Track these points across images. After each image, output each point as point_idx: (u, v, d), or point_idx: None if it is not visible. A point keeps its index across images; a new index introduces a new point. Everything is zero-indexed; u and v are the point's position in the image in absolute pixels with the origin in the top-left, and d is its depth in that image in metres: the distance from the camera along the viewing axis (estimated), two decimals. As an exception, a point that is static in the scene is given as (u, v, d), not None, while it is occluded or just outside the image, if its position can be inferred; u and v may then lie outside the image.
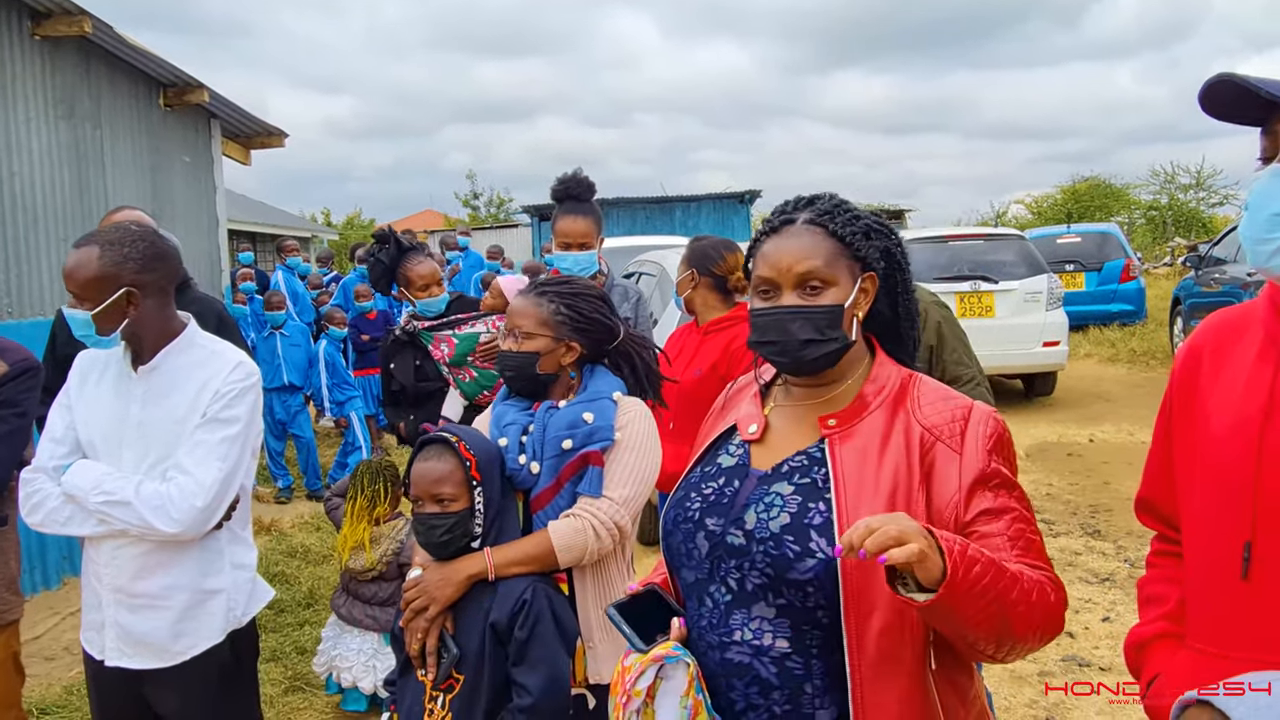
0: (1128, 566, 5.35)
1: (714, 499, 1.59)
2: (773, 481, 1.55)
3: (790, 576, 1.45)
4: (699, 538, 1.57)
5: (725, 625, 1.51)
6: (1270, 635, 1.34)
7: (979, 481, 1.46)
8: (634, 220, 17.96)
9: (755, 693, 1.48)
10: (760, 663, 1.48)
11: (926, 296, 2.98)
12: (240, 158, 9.24)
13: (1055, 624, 1.41)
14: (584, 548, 2.15)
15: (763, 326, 1.56)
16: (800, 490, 1.51)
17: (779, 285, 1.55)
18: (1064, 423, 9.24)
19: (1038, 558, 1.44)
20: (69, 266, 2.25)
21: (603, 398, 2.27)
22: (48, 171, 5.88)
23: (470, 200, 37.58)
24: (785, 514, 1.48)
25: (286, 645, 4.59)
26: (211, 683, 2.42)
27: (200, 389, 2.34)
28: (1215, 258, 11.11)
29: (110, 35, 6.17)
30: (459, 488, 2.09)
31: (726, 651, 1.50)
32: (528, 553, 2.12)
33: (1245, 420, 1.39)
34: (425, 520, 2.10)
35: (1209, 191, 28.16)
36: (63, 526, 2.32)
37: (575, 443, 2.20)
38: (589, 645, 2.23)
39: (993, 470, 1.47)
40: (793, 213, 1.60)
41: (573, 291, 2.34)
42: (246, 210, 18.55)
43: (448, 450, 2.12)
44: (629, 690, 1.49)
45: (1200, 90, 1.37)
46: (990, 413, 1.54)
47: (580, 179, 3.63)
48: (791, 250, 1.54)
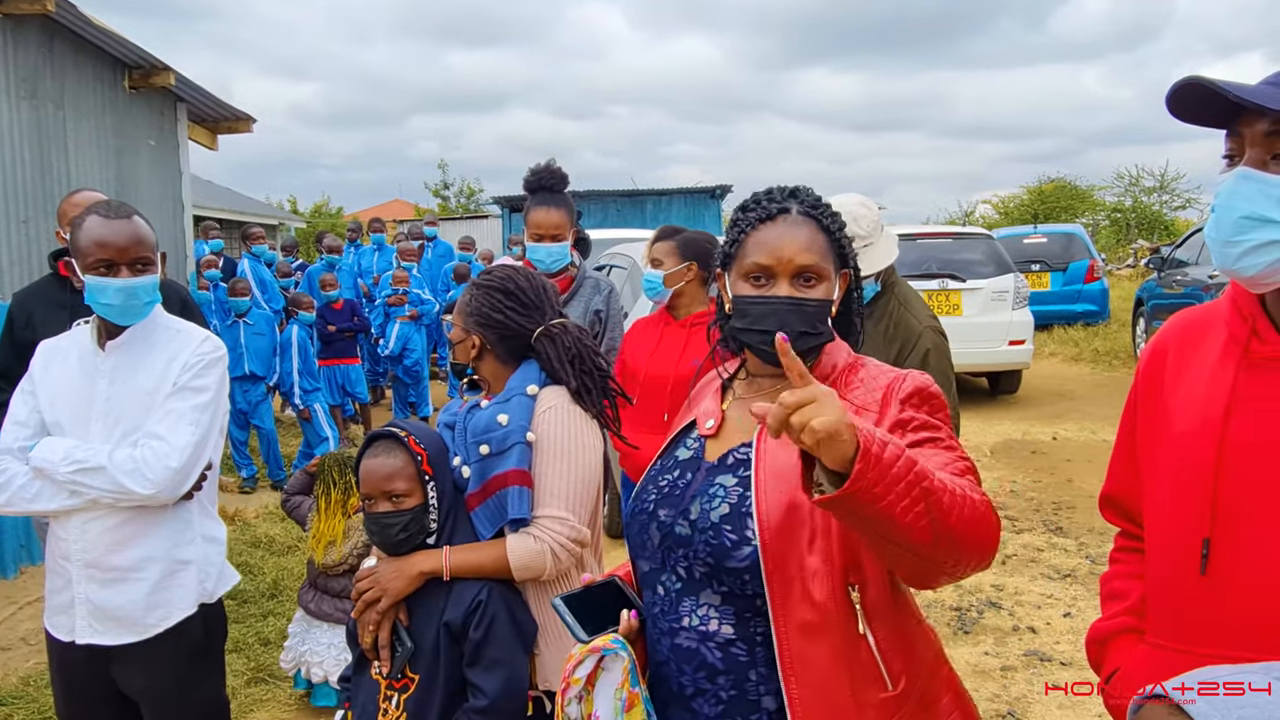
0: (1089, 563, 5.43)
1: (667, 491, 1.62)
2: (717, 473, 1.58)
3: (728, 564, 1.48)
4: (652, 528, 1.60)
5: (675, 612, 1.55)
6: (1228, 630, 1.37)
7: (894, 426, 1.44)
8: (605, 213, 17.90)
9: (703, 677, 1.52)
10: (706, 648, 1.51)
11: (926, 319, 2.82)
12: (207, 143, 9.11)
13: (991, 537, 1.32)
14: (542, 568, 2.08)
15: (757, 315, 1.53)
16: (742, 481, 1.53)
17: (775, 274, 1.53)
18: (1028, 420, 9.35)
19: (966, 476, 1.37)
20: (132, 237, 2.29)
21: (516, 394, 2.14)
22: (8, 152, 5.76)
23: (440, 190, 37.34)
24: (725, 504, 1.52)
25: (249, 636, 4.54)
26: (180, 661, 2.41)
27: (169, 361, 2.37)
28: (1178, 260, 11.28)
29: (74, 15, 6.05)
30: (411, 483, 2.04)
31: (676, 637, 1.54)
32: (483, 564, 2.06)
33: (1207, 419, 1.41)
34: (379, 519, 2.03)
35: (1172, 195, 28.58)
36: (30, 503, 2.29)
37: (492, 448, 2.09)
38: (535, 652, 2.14)
39: (906, 416, 1.45)
40: (783, 201, 1.58)
41: (483, 284, 2.24)
42: (212, 196, 18.28)
43: (396, 445, 2.06)
44: (568, 678, 1.54)
45: (1168, 93, 1.38)
46: (918, 375, 1.53)
47: (554, 170, 3.61)
48: (794, 240, 1.53)
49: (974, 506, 1.29)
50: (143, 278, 2.31)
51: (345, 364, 8.91)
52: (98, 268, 2.27)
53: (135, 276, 2.29)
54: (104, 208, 2.33)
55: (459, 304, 2.27)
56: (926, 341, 2.79)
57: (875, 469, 1.17)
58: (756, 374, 1.67)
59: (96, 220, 2.29)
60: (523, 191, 3.68)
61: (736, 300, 1.57)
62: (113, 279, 2.27)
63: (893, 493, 1.19)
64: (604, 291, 3.79)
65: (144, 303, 2.33)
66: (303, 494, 3.90)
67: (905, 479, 1.20)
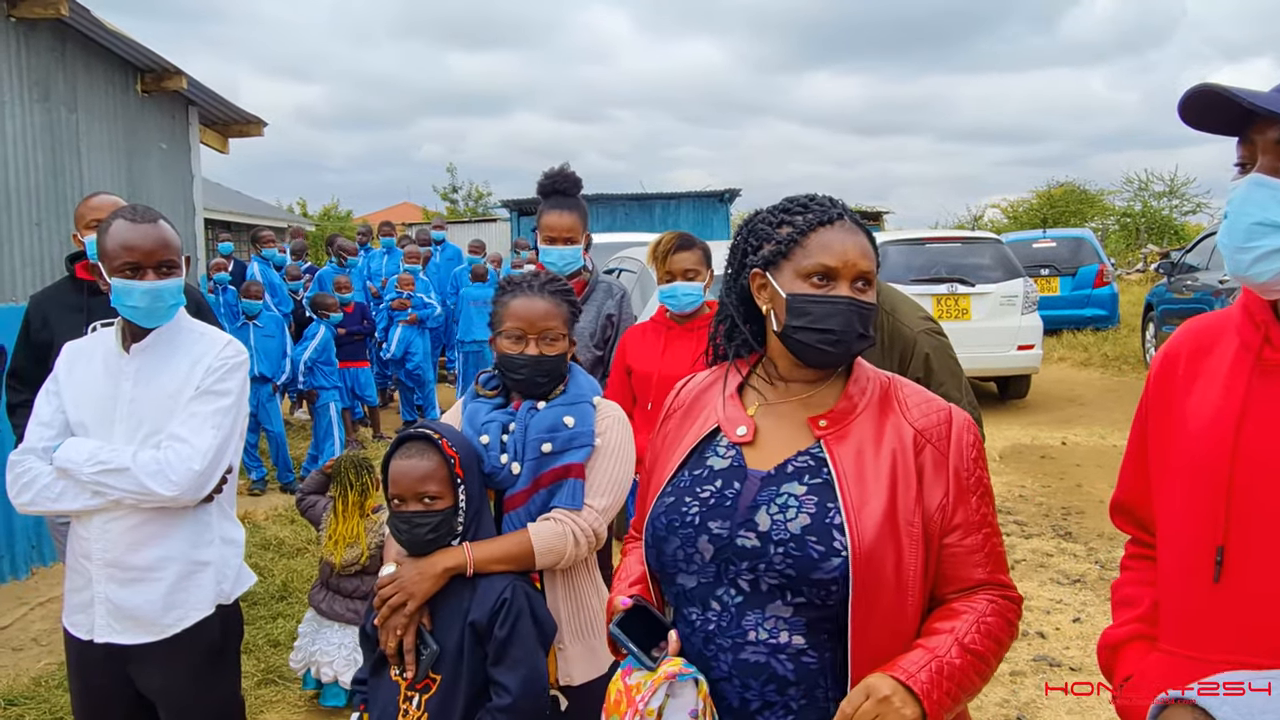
0: (1098, 568, 5.42)
1: (713, 502, 1.57)
2: (780, 482, 1.55)
3: (814, 576, 1.46)
4: (701, 542, 1.55)
5: (738, 627, 1.51)
6: (1241, 637, 1.37)
7: (966, 490, 1.55)
8: (614, 217, 17.93)
9: (772, 690, 1.49)
10: (777, 660, 1.49)
11: (917, 323, 2.78)
12: (218, 146, 9.15)
13: (1013, 638, 1.57)
14: (563, 552, 2.14)
15: (820, 314, 1.53)
16: (814, 490, 1.52)
17: (838, 276, 1.55)
18: (1037, 425, 9.33)
19: (997, 567, 1.57)
20: (159, 240, 2.33)
21: (583, 401, 2.27)
22: (21, 155, 5.79)
23: (449, 193, 37.40)
24: (804, 515, 1.49)
25: (259, 638, 4.56)
26: (198, 660, 2.43)
27: (193, 364, 2.39)
28: (1188, 265, 11.24)
29: (87, 19, 6.09)
30: (443, 485, 2.06)
31: (741, 652, 1.51)
32: (508, 551, 2.10)
33: (1220, 426, 1.41)
34: (409, 519, 2.05)
35: (1182, 199, 28.48)
36: (54, 503, 2.32)
37: (555, 446, 2.19)
38: (559, 647, 2.21)
39: (976, 480, 1.57)
40: (833, 209, 1.61)
41: (564, 289, 2.33)
42: (223, 199, 18.37)
43: (430, 447, 2.08)
44: (641, 710, 1.47)
45: (1180, 100, 1.38)
46: (967, 419, 1.60)
47: (567, 174, 3.62)
48: (856, 244, 1.57)
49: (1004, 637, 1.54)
50: (168, 280, 2.34)
51: (355, 367, 8.95)
52: (124, 270, 2.31)
53: (161, 279, 2.33)
54: (130, 212, 2.37)
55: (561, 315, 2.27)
56: (924, 345, 2.74)
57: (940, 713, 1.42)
58: (788, 378, 1.64)
59: (124, 224, 2.33)
60: (531, 195, 3.70)
61: (795, 299, 1.55)
62: (139, 281, 2.31)
63: (959, 701, 1.46)
64: (616, 296, 3.80)
65: (169, 305, 2.37)
66: (318, 494, 3.92)
67: (964, 688, 1.46)
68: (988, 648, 1.49)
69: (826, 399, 1.60)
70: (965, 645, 1.47)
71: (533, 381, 2.25)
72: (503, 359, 2.26)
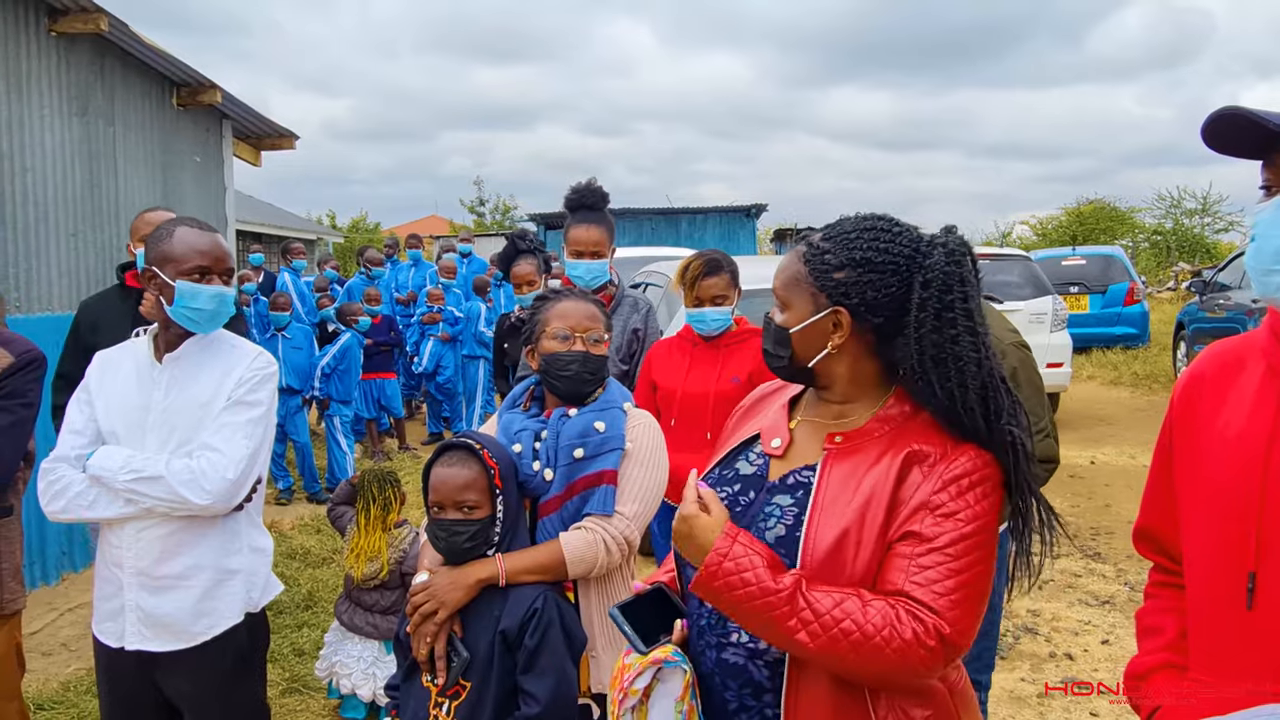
0: (1128, 589, 5.35)
1: (728, 504, 1.61)
2: (776, 493, 1.58)
3: None
4: None
5: (724, 627, 1.55)
6: (1276, 664, 1.35)
7: (932, 507, 1.44)
8: (639, 231, 17.96)
9: (748, 694, 1.52)
10: (754, 665, 1.51)
11: (1007, 335, 2.80)
12: (251, 159, 9.27)
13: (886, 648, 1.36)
14: (595, 561, 2.16)
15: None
16: (798, 503, 1.53)
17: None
18: (1066, 444, 9.20)
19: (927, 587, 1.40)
20: (224, 249, 2.44)
21: (614, 407, 2.30)
22: (60, 168, 5.90)
23: (476, 206, 37.66)
24: (781, 525, 1.52)
25: (284, 647, 4.59)
26: (225, 668, 2.46)
27: (224, 375, 2.43)
28: (1220, 283, 11.12)
29: (126, 33, 6.20)
30: (483, 495, 2.09)
31: (723, 652, 1.54)
32: (540, 561, 2.12)
33: (1249, 450, 1.40)
34: (448, 527, 2.08)
35: (1214, 217, 28.14)
36: (87, 510, 2.35)
37: (587, 451, 2.21)
38: (592, 655, 2.23)
39: (940, 501, 1.44)
40: (802, 234, 1.66)
41: (598, 301, 2.41)
42: (254, 211, 18.59)
43: (472, 457, 2.11)
44: (626, 688, 1.54)
45: (1204, 123, 1.38)
46: (977, 456, 1.48)
47: (594, 188, 3.65)
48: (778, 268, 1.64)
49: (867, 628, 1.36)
50: (230, 288, 2.42)
51: (382, 378, 9.02)
52: (193, 273, 2.37)
53: (225, 285, 2.40)
54: (193, 221, 2.46)
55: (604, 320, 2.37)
56: (1013, 359, 2.78)
57: (706, 590, 1.45)
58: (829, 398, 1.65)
59: (192, 231, 2.41)
60: (558, 209, 3.74)
61: None
62: (207, 285, 2.38)
63: (730, 612, 1.45)
64: (642, 310, 3.82)
65: (227, 312, 2.44)
66: (347, 504, 3.96)
67: (741, 610, 1.42)
68: (822, 611, 1.37)
69: (854, 421, 1.59)
70: (802, 590, 1.39)
71: (580, 379, 2.28)
72: (548, 360, 2.29)
